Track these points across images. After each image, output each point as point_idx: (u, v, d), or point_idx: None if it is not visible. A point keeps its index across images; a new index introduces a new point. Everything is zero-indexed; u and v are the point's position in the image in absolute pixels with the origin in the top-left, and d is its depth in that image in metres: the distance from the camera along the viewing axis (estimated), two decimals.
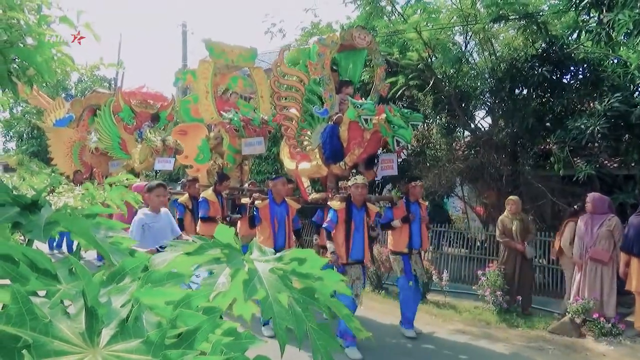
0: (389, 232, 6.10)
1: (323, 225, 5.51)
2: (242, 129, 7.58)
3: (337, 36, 6.38)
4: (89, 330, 0.53)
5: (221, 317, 0.73)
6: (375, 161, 6.20)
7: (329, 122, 6.20)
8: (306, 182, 7.07)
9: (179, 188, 10.63)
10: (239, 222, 7.65)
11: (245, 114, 7.76)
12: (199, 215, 7.20)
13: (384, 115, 5.52)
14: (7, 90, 1.03)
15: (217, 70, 8.45)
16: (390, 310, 6.84)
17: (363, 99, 6.26)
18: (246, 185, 8.19)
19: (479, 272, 7.23)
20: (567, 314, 6.26)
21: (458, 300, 7.61)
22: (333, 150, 5.94)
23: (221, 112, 7.98)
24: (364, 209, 5.49)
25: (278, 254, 1.03)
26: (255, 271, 0.91)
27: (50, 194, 1.29)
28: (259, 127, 7.63)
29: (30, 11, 1.07)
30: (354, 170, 5.82)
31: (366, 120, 5.55)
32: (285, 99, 6.63)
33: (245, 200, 7.98)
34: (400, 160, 7.17)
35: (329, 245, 5.36)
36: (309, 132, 6.67)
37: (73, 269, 0.64)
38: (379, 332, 6.03)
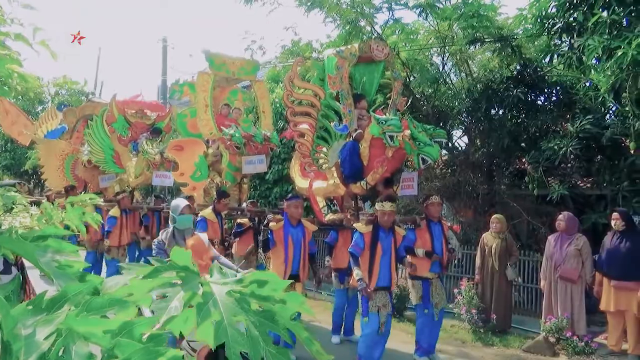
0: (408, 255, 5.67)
1: (349, 250, 5.12)
2: (244, 146, 7.19)
3: (355, 48, 6.10)
4: None
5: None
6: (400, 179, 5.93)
7: (348, 139, 5.90)
8: (321, 202, 6.69)
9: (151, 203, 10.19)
10: (234, 242, 7.30)
11: (246, 130, 7.39)
12: None
13: (408, 132, 5.22)
14: None
15: (217, 84, 8.08)
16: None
17: (388, 114, 5.95)
18: (244, 204, 7.79)
19: (455, 291, 7.26)
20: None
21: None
22: (353, 169, 5.62)
23: (221, 127, 7.58)
24: (392, 233, 5.13)
25: (238, 276, 1.01)
26: (210, 294, 0.90)
27: (8, 213, 1.25)
28: (261, 144, 7.26)
29: None
30: (387, 202, 5.22)
31: (391, 137, 5.23)
32: (300, 114, 6.27)
33: (243, 220, 7.54)
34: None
35: (356, 271, 4.91)
36: (324, 149, 6.30)
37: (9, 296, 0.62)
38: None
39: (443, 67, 10.17)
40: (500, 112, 9.27)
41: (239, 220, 7.60)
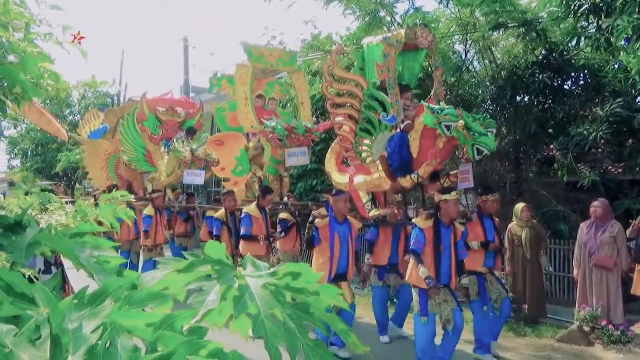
0: None
1: (411, 247, 4.85)
2: (286, 139, 7.04)
3: (401, 35, 5.88)
4: (52, 359, 0.51)
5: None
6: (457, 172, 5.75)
7: (393, 131, 5.68)
8: (364, 198, 6.49)
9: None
10: (279, 239, 7.20)
11: (286, 122, 7.26)
12: (241, 234, 6.56)
13: (462, 122, 5.01)
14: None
15: (254, 76, 7.97)
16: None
17: (442, 103, 5.71)
18: (286, 198, 7.70)
19: None
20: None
21: (465, 310, 7.49)
22: (402, 162, 5.41)
23: (262, 120, 7.42)
24: (452, 228, 4.83)
25: (272, 269, 1.01)
26: (246, 287, 0.90)
27: (44, 212, 1.28)
28: (303, 135, 7.12)
29: (19, 29, 1.07)
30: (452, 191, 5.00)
31: (447, 127, 5.04)
32: (341, 106, 6.00)
33: (284, 215, 7.41)
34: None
35: (422, 269, 4.64)
36: (366, 142, 5.99)
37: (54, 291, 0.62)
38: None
39: (466, 55, 10.03)
40: (526, 98, 9.09)
41: (280, 216, 7.46)
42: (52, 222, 1.14)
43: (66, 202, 1.30)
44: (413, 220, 5.19)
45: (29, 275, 1.10)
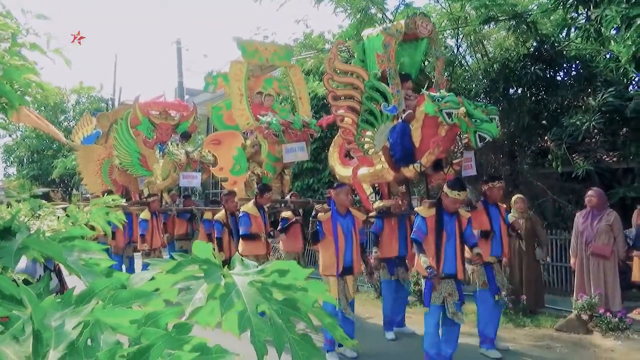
0: None
1: (411, 236, 4.84)
2: (282, 134, 6.94)
3: (401, 25, 5.87)
4: (34, 354, 0.54)
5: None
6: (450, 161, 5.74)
7: (395, 121, 5.66)
8: (368, 190, 6.51)
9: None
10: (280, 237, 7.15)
11: (283, 117, 7.15)
12: (240, 233, 6.45)
13: (463, 109, 4.99)
14: None
15: (250, 72, 7.86)
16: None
17: (443, 91, 5.68)
18: (287, 197, 7.60)
19: None
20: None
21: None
22: (404, 152, 5.40)
23: (258, 116, 7.33)
24: (456, 216, 4.80)
25: (260, 267, 1.03)
26: (233, 285, 0.92)
27: (36, 218, 1.30)
28: (300, 130, 7.02)
29: (4, 40, 1.09)
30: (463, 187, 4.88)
31: (449, 114, 5.01)
32: (342, 98, 5.95)
33: (286, 214, 7.32)
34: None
35: (423, 258, 4.61)
36: (369, 133, 5.93)
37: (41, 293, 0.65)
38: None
39: (457, 49, 10.05)
40: (519, 90, 9.13)
41: (282, 214, 7.39)
42: (42, 227, 1.16)
43: (57, 208, 1.33)
44: (415, 209, 5.18)
45: (25, 280, 1.13)
